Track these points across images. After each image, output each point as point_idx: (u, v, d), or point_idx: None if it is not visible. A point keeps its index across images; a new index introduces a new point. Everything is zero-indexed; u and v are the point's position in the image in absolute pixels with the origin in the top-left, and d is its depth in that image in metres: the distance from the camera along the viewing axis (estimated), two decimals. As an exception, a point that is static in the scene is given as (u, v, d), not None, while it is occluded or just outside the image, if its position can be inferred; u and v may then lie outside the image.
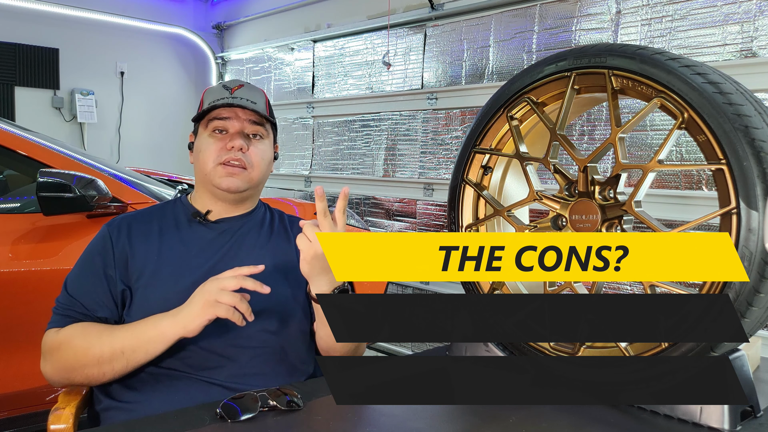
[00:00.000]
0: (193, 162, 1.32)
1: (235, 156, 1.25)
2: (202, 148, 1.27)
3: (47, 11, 4.79)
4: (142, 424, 0.97)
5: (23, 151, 2.16)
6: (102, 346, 1.11)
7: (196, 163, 1.30)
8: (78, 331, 1.14)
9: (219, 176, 1.25)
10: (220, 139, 1.26)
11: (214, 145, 1.26)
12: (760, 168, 0.88)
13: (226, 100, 1.25)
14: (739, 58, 2.36)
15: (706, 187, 2.42)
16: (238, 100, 1.25)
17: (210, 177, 1.26)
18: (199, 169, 1.29)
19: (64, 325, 1.17)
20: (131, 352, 1.11)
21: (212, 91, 1.30)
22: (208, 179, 1.27)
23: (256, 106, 1.26)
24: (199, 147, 1.29)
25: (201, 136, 1.29)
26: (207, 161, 1.26)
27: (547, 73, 1.15)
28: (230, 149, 1.25)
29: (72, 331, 1.15)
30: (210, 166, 1.26)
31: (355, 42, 4.18)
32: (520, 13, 3.16)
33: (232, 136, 1.26)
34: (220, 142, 1.26)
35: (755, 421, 0.97)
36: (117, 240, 1.23)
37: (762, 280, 0.89)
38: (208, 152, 1.26)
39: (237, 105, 1.25)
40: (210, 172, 1.26)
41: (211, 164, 1.25)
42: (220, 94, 1.27)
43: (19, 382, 2.00)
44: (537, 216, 2.61)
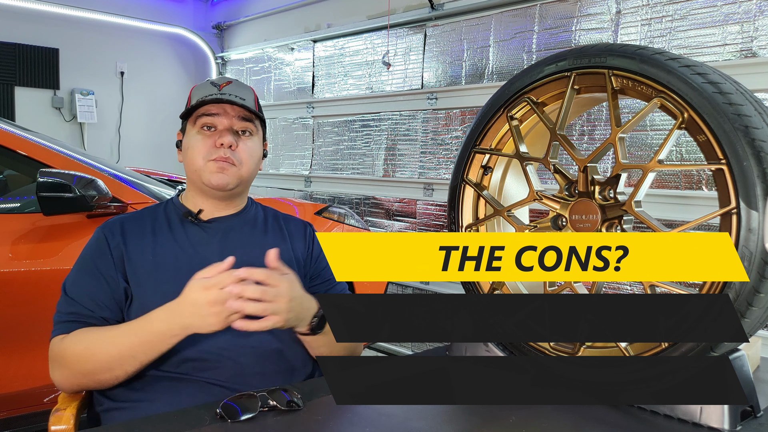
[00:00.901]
0: (182, 160, 1.31)
1: (224, 154, 1.24)
2: (190, 146, 1.27)
3: (47, 11, 4.79)
4: (142, 424, 0.97)
5: (23, 151, 2.16)
6: (111, 352, 1.10)
7: (185, 160, 1.29)
8: (85, 336, 1.13)
9: (209, 172, 1.24)
10: (209, 136, 1.25)
11: (202, 142, 1.25)
12: (760, 168, 0.88)
13: (215, 96, 1.24)
14: (739, 58, 2.36)
15: (706, 187, 2.42)
16: (226, 96, 1.24)
17: (200, 174, 1.25)
18: (188, 167, 1.28)
19: (68, 330, 1.15)
20: (142, 354, 1.10)
21: (200, 88, 1.29)
22: (197, 176, 1.26)
23: (245, 102, 1.26)
24: (188, 144, 1.28)
25: (189, 134, 1.28)
26: (196, 158, 1.25)
27: (547, 73, 1.15)
28: (219, 146, 1.24)
29: (78, 337, 1.13)
30: (200, 163, 1.25)
31: (355, 42, 4.18)
32: (520, 13, 3.16)
33: (221, 132, 1.25)
34: (209, 139, 1.25)
35: (755, 421, 0.97)
36: (112, 241, 1.22)
37: (762, 280, 0.89)
38: (196, 149, 1.25)
39: (226, 101, 1.24)
40: (199, 169, 1.25)
41: (201, 161, 1.24)
42: (208, 90, 1.26)
43: (18, 382, 2.00)
44: (537, 216, 2.61)
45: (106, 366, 1.10)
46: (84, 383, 1.14)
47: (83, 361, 1.11)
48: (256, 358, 1.20)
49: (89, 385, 1.14)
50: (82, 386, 1.15)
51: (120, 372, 1.11)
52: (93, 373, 1.11)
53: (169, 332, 1.09)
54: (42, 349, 1.29)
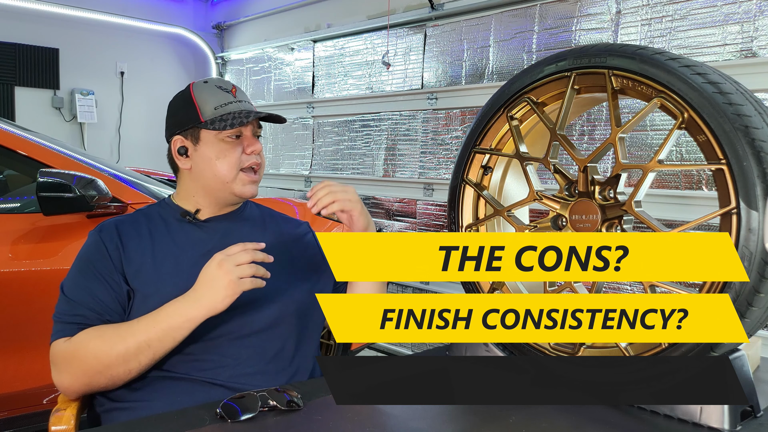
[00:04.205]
0: (193, 168, 1.26)
1: (257, 160, 1.26)
2: (218, 155, 1.23)
3: (47, 11, 4.79)
4: (143, 424, 0.97)
5: (23, 151, 2.16)
6: (126, 343, 1.09)
7: (205, 171, 1.25)
8: (93, 334, 1.11)
9: (242, 184, 1.24)
10: (237, 143, 1.24)
11: (232, 151, 1.23)
12: (760, 168, 0.88)
13: (241, 105, 1.25)
14: (739, 58, 2.36)
15: (706, 187, 2.42)
16: (246, 104, 1.26)
17: (231, 185, 1.24)
18: (213, 177, 1.24)
19: (72, 332, 1.13)
20: (158, 342, 1.09)
21: (211, 93, 1.25)
22: (226, 188, 1.24)
23: (255, 105, 1.27)
24: (210, 154, 1.24)
25: (209, 142, 1.24)
26: (228, 169, 1.23)
27: (547, 73, 1.15)
28: (250, 154, 1.25)
29: (86, 335, 1.11)
30: (232, 174, 1.23)
31: (355, 42, 4.18)
32: (520, 13, 3.16)
33: (250, 140, 1.25)
34: (238, 147, 1.24)
35: (755, 421, 0.97)
36: (110, 244, 1.20)
37: (762, 280, 0.89)
38: (227, 159, 1.23)
39: (249, 109, 1.25)
40: (231, 180, 1.24)
41: (234, 172, 1.23)
42: (224, 97, 1.25)
43: (19, 382, 2.00)
44: (537, 216, 2.61)
45: (122, 359, 1.09)
46: (94, 382, 1.11)
47: (101, 355, 1.09)
48: (256, 358, 1.20)
49: (100, 382, 1.11)
50: (91, 385, 1.12)
51: (135, 364, 1.09)
52: (108, 367, 1.09)
53: (185, 315, 1.09)
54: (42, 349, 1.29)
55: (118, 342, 1.09)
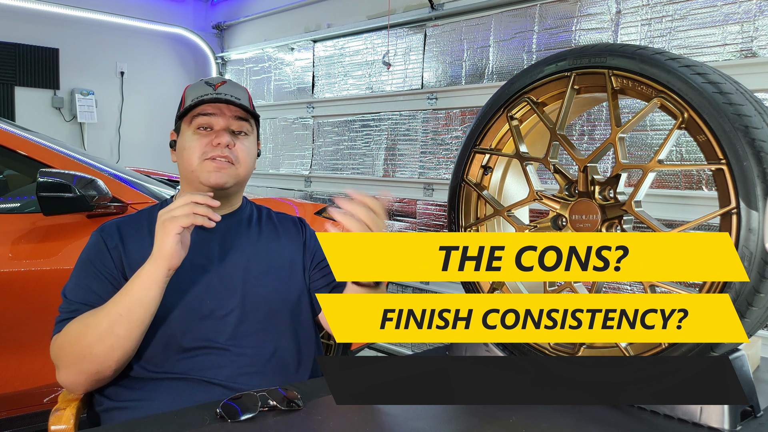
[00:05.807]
0: (176, 160, 1.30)
1: (222, 152, 1.23)
2: (186, 146, 1.25)
3: (47, 11, 4.79)
4: (142, 424, 0.97)
5: (23, 151, 2.16)
6: (98, 318, 1.09)
7: (180, 161, 1.28)
8: (74, 322, 1.13)
9: (207, 171, 1.23)
10: (205, 135, 1.25)
11: (198, 142, 1.24)
12: (760, 168, 0.88)
13: (211, 95, 1.24)
14: (739, 58, 2.36)
15: (706, 187, 2.42)
16: (223, 96, 1.24)
17: (197, 173, 1.24)
18: (184, 167, 1.27)
19: None
20: (127, 309, 1.08)
21: (194, 88, 1.28)
22: (194, 176, 1.25)
23: (240, 101, 1.25)
24: (183, 145, 1.26)
25: (184, 134, 1.27)
26: (192, 158, 1.24)
27: (547, 73, 1.15)
28: (216, 146, 1.23)
29: (69, 324, 1.13)
30: (196, 163, 1.23)
31: (355, 42, 4.18)
32: (520, 13, 3.16)
33: (218, 132, 1.24)
34: (205, 139, 1.24)
35: (755, 421, 0.97)
36: (110, 243, 1.21)
37: (762, 280, 0.89)
38: (192, 149, 1.24)
39: (223, 101, 1.23)
40: (196, 168, 1.24)
41: (197, 161, 1.23)
42: (203, 90, 1.26)
43: (19, 382, 2.00)
44: (537, 216, 2.61)
45: (99, 336, 1.08)
46: (85, 367, 1.10)
47: (81, 336, 1.09)
48: (255, 358, 1.20)
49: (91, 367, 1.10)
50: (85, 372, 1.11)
51: (113, 338, 1.08)
52: (90, 347, 1.08)
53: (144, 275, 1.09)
54: (42, 349, 1.29)
55: (92, 320, 1.10)
